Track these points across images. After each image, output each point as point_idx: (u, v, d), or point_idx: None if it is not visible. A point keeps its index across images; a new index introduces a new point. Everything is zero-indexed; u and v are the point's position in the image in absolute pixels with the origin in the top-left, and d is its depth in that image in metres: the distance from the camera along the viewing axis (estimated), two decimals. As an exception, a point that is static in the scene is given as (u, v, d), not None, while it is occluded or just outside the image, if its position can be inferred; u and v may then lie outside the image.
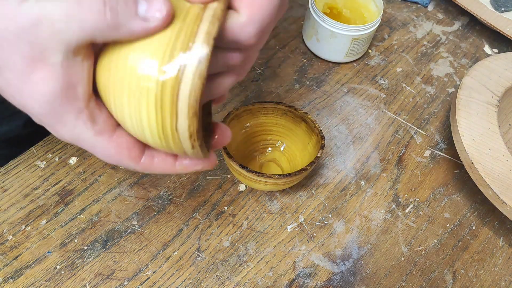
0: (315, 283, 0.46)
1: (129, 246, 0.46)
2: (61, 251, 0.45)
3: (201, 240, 0.47)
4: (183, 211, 0.48)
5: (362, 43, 0.61)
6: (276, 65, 0.62)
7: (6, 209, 0.46)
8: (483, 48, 0.70)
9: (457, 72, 0.66)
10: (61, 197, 0.48)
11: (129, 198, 0.48)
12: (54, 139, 0.51)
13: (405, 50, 0.67)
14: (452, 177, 0.55)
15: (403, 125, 0.59)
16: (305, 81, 0.61)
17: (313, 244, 0.48)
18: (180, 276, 0.45)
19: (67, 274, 0.43)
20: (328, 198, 0.51)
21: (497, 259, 0.50)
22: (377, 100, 0.61)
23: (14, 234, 0.45)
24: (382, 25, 0.69)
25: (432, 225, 0.51)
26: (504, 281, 0.49)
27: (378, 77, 0.63)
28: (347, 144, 0.56)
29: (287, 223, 0.49)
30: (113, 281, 0.44)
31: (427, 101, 0.62)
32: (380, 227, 0.50)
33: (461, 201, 0.54)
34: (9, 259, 0.44)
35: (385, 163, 0.55)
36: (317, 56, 0.64)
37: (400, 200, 0.52)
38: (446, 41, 0.69)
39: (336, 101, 0.60)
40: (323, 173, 0.53)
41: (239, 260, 0.46)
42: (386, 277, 0.47)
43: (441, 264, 0.49)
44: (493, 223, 0.53)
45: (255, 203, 0.50)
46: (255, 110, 0.50)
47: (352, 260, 0.48)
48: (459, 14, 0.73)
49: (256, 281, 0.45)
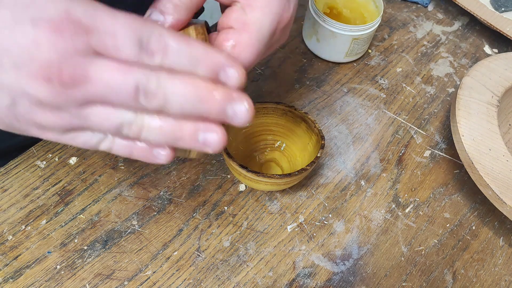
0: (315, 283, 0.46)
1: (129, 246, 0.46)
2: (61, 251, 0.45)
3: (201, 240, 0.47)
4: (183, 211, 0.48)
5: (362, 43, 0.61)
6: (276, 65, 0.62)
7: (6, 209, 0.46)
8: (483, 48, 0.70)
9: (457, 72, 0.66)
10: (61, 197, 0.48)
11: (129, 198, 0.48)
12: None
13: (405, 50, 0.67)
14: (452, 177, 0.55)
15: (403, 125, 0.59)
16: (305, 81, 0.61)
17: (313, 244, 0.48)
18: (180, 276, 0.45)
19: (67, 274, 0.43)
20: (328, 198, 0.51)
21: (497, 259, 0.50)
22: (377, 100, 0.61)
23: (14, 234, 0.45)
24: (382, 25, 0.69)
25: (432, 225, 0.51)
26: (504, 281, 0.49)
27: (378, 77, 0.63)
28: (347, 144, 0.56)
29: (287, 223, 0.49)
30: (113, 281, 0.44)
31: (427, 101, 0.62)
32: (380, 227, 0.50)
33: (461, 201, 0.54)
34: (9, 259, 0.44)
35: (385, 163, 0.55)
36: (317, 56, 0.64)
37: (400, 200, 0.52)
38: (446, 41, 0.69)
39: (336, 101, 0.60)
40: (323, 173, 0.53)
41: (239, 260, 0.46)
42: (386, 277, 0.47)
43: (441, 264, 0.49)
44: (493, 223, 0.53)
45: (255, 203, 0.50)
46: (255, 110, 0.50)
47: (352, 260, 0.48)
48: (459, 14, 0.73)
49: (256, 281, 0.45)
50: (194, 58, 0.26)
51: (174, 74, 0.25)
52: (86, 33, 0.24)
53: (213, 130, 0.27)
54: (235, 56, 0.31)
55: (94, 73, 0.24)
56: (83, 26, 0.24)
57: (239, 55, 0.31)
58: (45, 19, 0.23)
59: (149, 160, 0.29)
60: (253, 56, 0.32)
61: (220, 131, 0.27)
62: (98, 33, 0.24)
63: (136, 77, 0.24)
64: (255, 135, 0.52)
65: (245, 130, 0.51)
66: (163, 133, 0.26)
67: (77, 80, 0.24)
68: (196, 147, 0.27)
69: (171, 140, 0.27)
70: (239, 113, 0.27)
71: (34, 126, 0.27)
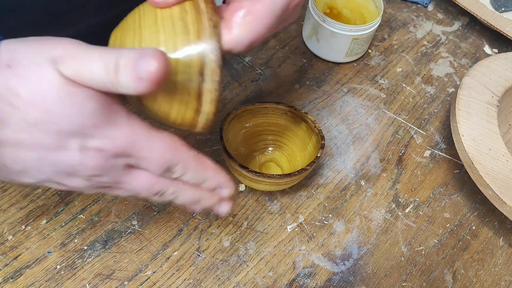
0: (315, 283, 0.46)
1: (129, 246, 0.46)
2: (61, 251, 0.45)
3: (201, 240, 0.47)
4: (183, 211, 0.48)
5: (362, 43, 0.61)
6: (276, 65, 0.62)
7: (6, 209, 0.46)
8: (483, 48, 0.70)
9: (457, 72, 0.66)
10: (61, 197, 0.48)
11: (129, 198, 0.48)
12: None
13: (405, 50, 0.67)
14: (452, 177, 0.55)
15: (403, 125, 0.59)
16: (305, 81, 0.61)
17: (313, 244, 0.48)
18: (180, 276, 0.45)
19: (67, 274, 0.43)
20: (328, 198, 0.51)
21: (497, 259, 0.50)
22: (377, 100, 0.61)
23: (14, 234, 0.45)
24: (382, 25, 0.69)
25: (432, 225, 0.51)
26: (504, 281, 0.49)
27: (378, 77, 0.63)
28: (347, 144, 0.56)
29: (287, 223, 0.49)
30: (113, 281, 0.44)
31: (427, 101, 0.62)
32: (380, 227, 0.50)
33: (461, 201, 0.54)
34: (9, 259, 0.44)
35: (385, 163, 0.55)
36: (317, 56, 0.64)
37: (400, 200, 0.52)
38: (446, 41, 0.69)
39: (336, 101, 0.60)
40: (323, 173, 0.53)
41: (239, 260, 0.46)
42: (386, 277, 0.47)
43: (441, 264, 0.49)
44: (493, 223, 0.53)
45: (255, 203, 0.50)
46: (255, 110, 0.50)
47: (352, 260, 0.48)
48: (459, 14, 0.73)
49: (256, 281, 0.45)
50: (203, 177, 0.33)
51: (186, 184, 0.33)
52: (126, 156, 0.29)
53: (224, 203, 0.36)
54: (245, 25, 0.31)
55: (127, 181, 0.31)
56: (124, 151, 0.29)
57: (250, 24, 0.31)
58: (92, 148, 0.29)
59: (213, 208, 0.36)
60: (264, 28, 0.32)
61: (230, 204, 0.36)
62: (135, 157, 0.29)
63: (159, 187, 0.32)
64: (255, 135, 0.52)
65: (245, 130, 0.51)
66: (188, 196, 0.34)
67: (112, 185, 0.31)
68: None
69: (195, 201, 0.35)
70: (222, 211, 0.36)
71: (55, 184, 0.31)
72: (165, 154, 0.30)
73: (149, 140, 0.30)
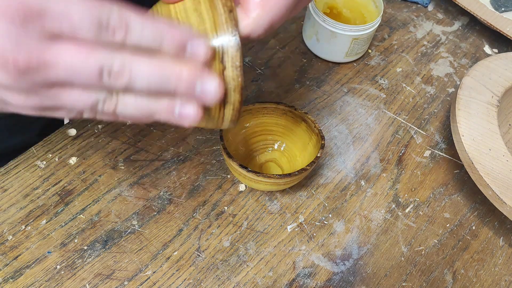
0: (315, 283, 0.46)
1: (129, 246, 0.46)
2: (61, 251, 0.45)
3: (201, 240, 0.47)
4: (183, 211, 0.48)
5: (362, 43, 0.61)
6: (276, 65, 0.62)
7: (6, 209, 0.46)
8: (483, 48, 0.70)
9: (457, 72, 0.66)
10: (61, 197, 0.48)
11: (129, 198, 0.48)
12: (54, 139, 0.51)
13: (405, 50, 0.67)
14: (452, 177, 0.55)
15: (403, 125, 0.59)
16: (305, 81, 0.61)
17: (313, 244, 0.48)
18: (180, 276, 0.45)
19: (67, 274, 0.43)
20: (328, 198, 0.51)
21: (497, 259, 0.50)
22: (377, 100, 0.61)
23: (14, 234, 0.45)
24: (382, 25, 0.69)
25: (432, 225, 0.51)
26: (504, 281, 0.49)
27: (378, 77, 0.63)
28: (347, 144, 0.56)
29: (287, 223, 0.49)
30: (113, 281, 0.44)
31: (427, 101, 0.62)
32: (380, 227, 0.50)
33: (461, 201, 0.54)
34: (9, 259, 0.44)
35: (385, 163, 0.55)
36: (317, 56, 0.64)
37: (400, 200, 0.52)
38: (446, 41, 0.69)
39: (336, 101, 0.60)
40: (323, 173, 0.53)
41: (239, 260, 0.46)
42: (386, 277, 0.47)
43: (441, 264, 0.49)
44: (493, 223, 0.53)
45: (255, 203, 0.50)
46: (255, 110, 0.50)
47: (352, 260, 0.48)
48: (459, 14, 0.73)
49: (256, 281, 0.45)
50: (158, 34, 0.25)
51: (139, 53, 0.25)
52: (38, 17, 0.23)
53: (190, 104, 0.27)
54: (263, 5, 0.30)
55: (53, 57, 0.23)
56: (34, 10, 0.23)
57: (268, 4, 0.30)
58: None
59: (173, 121, 0.28)
60: (283, 7, 0.30)
61: (196, 105, 0.27)
62: (51, 16, 0.23)
63: (98, 58, 0.24)
64: (255, 135, 0.52)
65: (245, 130, 0.51)
66: (139, 108, 0.26)
67: (35, 65, 0.23)
68: (172, 120, 0.27)
69: (147, 114, 0.27)
70: (208, 90, 0.26)
71: (9, 106, 0.26)
72: (89, 4, 0.24)
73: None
